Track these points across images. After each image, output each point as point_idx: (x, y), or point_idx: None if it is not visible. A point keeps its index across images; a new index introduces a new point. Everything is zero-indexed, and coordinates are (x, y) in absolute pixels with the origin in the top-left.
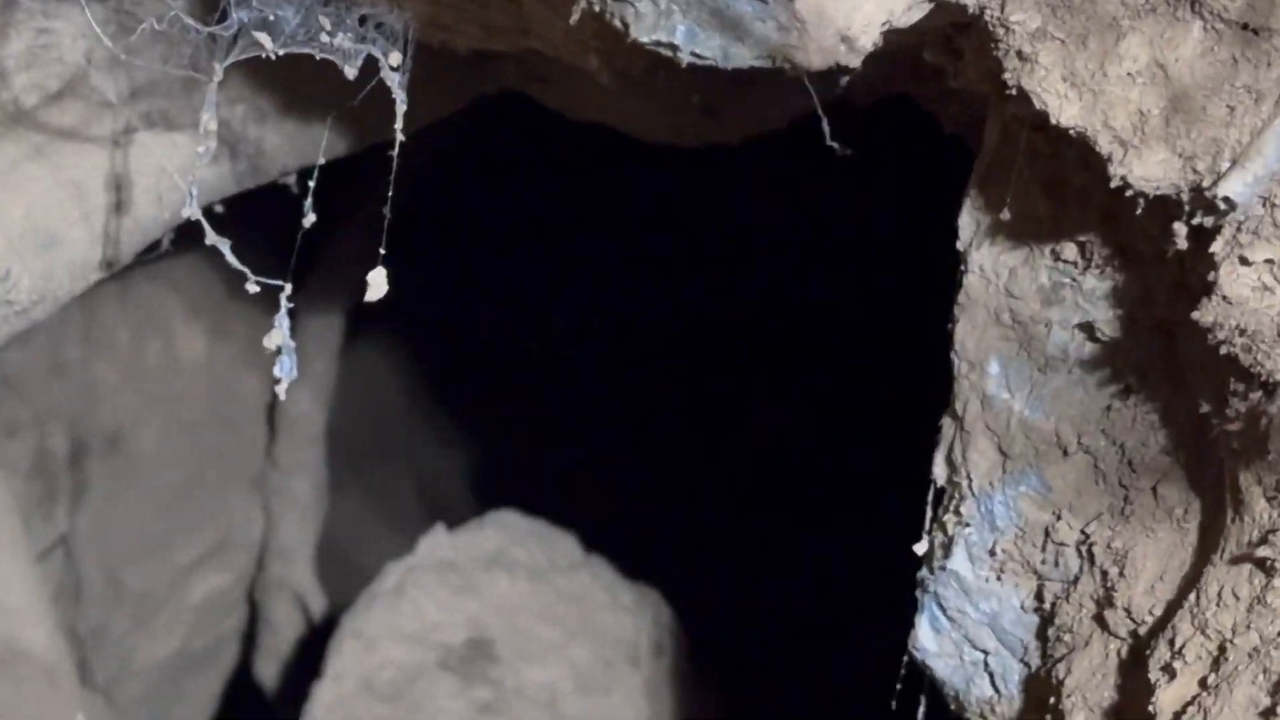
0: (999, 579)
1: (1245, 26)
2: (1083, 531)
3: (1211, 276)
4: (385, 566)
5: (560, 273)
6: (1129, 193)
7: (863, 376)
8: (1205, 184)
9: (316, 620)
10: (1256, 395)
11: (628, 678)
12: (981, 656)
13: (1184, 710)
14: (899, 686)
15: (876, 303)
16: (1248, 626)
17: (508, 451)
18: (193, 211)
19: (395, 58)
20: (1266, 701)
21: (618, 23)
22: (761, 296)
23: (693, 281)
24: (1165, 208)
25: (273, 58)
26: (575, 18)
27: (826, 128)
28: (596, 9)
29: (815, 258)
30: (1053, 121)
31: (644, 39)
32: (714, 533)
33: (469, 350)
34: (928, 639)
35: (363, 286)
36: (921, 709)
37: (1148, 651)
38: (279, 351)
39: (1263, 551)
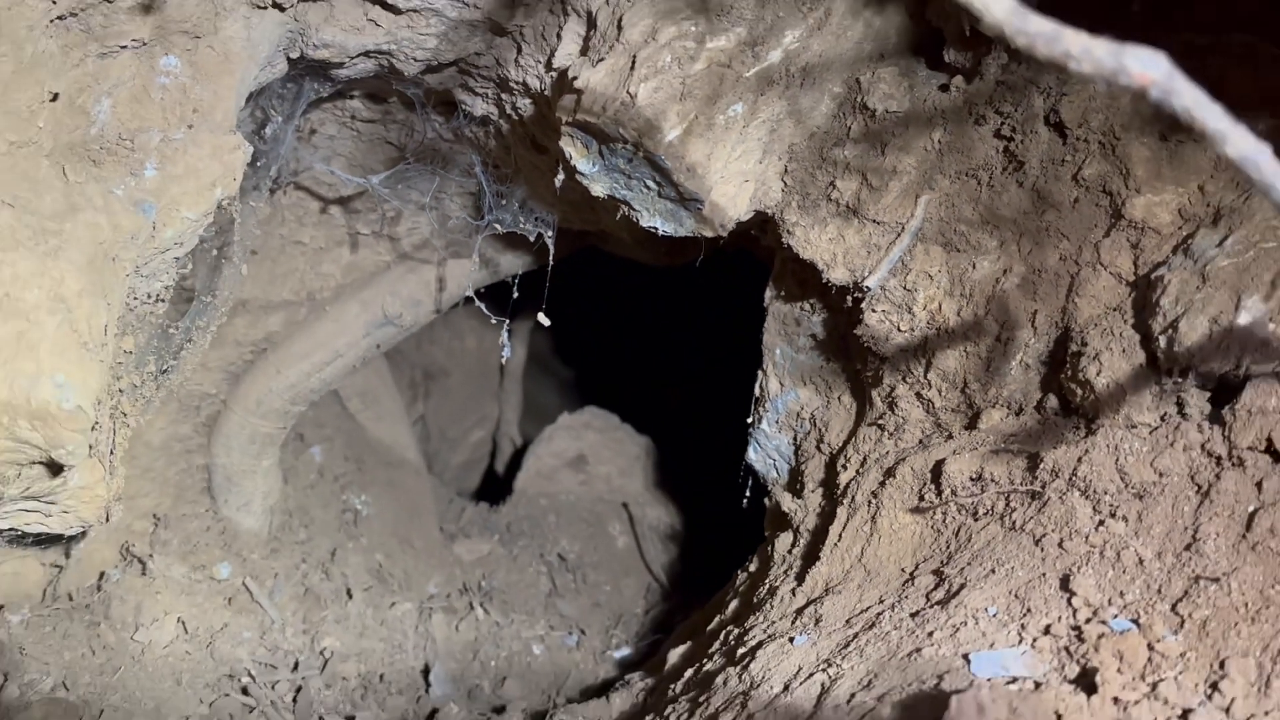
0: (780, 431)
1: (853, 210)
2: (811, 413)
3: (861, 317)
4: (544, 429)
5: (609, 329)
6: (830, 283)
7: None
8: (859, 280)
9: (519, 446)
10: (878, 361)
11: (639, 468)
12: (773, 461)
13: (849, 482)
14: (741, 475)
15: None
16: (872, 449)
17: (594, 397)
18: (470, 294)
19: (550, 234)
20: (879, 477)
21: (635, 217)
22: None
23: (661, 337)
24: (844, 289)
25: (500, 231)
26: (618, 216)
27: (702, 257)
28: (624, 213)
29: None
30: (801, 256)
31: (644, 224)
32: (668, 430)
33: (575, 363)
34: (752, 456)
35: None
36: (749, 483)
37: (837, 461)
38: (503, 345)
39: (876, 420)
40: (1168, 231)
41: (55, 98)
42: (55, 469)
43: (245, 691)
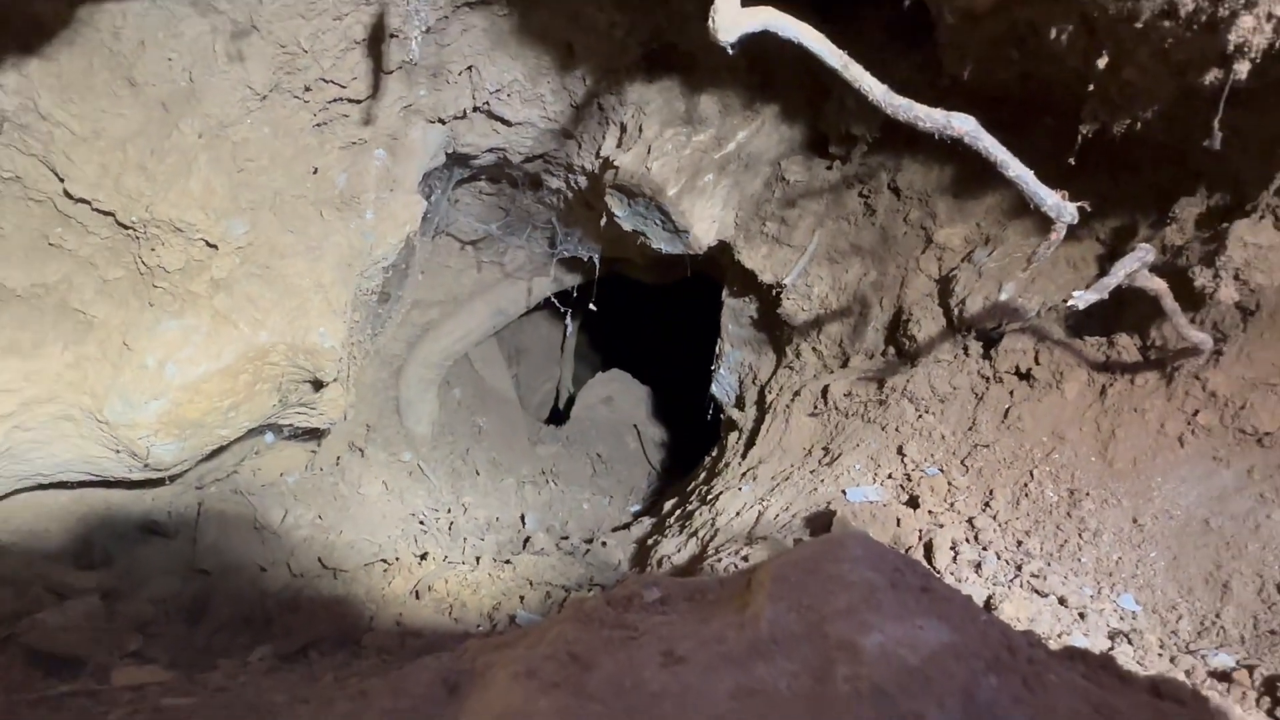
0: (731, 374)
1: (776, 240)
2: (749, 363)
3: (781, 303)
4: (588, 381)
5: (621, 328)
6: (762, 283)
7: (705, 345)
8: (780, 281)
9: (571, 393)
10: (790, 329)
11: (643, 404)
12: (726, 391)
13: (772, 401)
14: (706, 403)
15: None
16: (785, 381)
17: (618, 363)
18: (547, 297)
19: (596, 258)
20: (790, 397)
21: (648, 242)
22: (676, 330)
23: (656, 332)
24: (771, 286)
25: (566, 257)
26: (638, 243)
27: (684, 276)
28: (641, 241)
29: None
30: (745, 266)
31: (654, 245)
32: (661, 376)
33: (601, 352)
34: (715, 389)
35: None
36: (711, 406)
37: (765, 389)
38: (566, 325)
39: (788, 365)
40: (959, 249)
41: (316, 171)
42: (317, 385)
43: (421, 523)
